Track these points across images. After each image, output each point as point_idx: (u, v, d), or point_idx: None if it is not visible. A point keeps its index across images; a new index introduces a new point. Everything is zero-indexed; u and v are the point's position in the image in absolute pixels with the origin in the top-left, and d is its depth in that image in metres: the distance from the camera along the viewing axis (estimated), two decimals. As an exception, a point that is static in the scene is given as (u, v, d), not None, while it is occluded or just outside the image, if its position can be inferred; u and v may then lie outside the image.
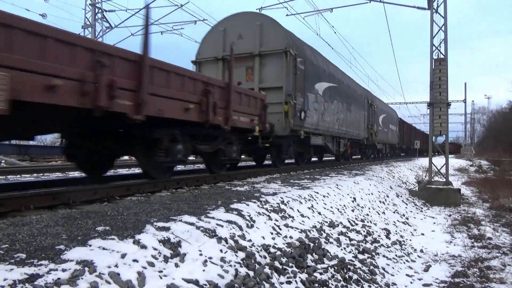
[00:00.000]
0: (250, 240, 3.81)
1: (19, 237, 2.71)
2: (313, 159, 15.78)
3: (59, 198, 4.82)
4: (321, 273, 3.92)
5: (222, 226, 3.74)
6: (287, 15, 16.81)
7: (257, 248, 3.72)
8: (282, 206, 5.18)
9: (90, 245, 2.64)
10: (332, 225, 5.59)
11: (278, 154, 11.25)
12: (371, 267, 4.80)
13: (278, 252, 3.87)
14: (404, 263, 5.60)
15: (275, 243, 4.05)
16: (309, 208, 5.74)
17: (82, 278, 2.24)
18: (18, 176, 9.46)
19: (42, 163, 16.84)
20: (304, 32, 25.47)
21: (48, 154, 21.73)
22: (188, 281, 2.74)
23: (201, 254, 3.13)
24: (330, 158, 18.81)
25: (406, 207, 10.01)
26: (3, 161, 17.09)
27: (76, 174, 10.13)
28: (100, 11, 22.83)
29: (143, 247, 2.83)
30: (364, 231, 6.13)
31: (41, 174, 10.04)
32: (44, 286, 2.08)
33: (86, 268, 2.32)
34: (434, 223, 8.84)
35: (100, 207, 4.42)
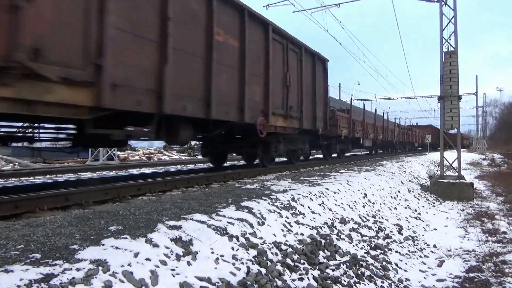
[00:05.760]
0: (261, 238, 3.81)
1: (34, 238, 2.75)
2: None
3: (72, 198, 4.88)
4: (333, 270, 3.91)
5: (233, 224, 3.75)
6: (294, 11, 16.75)
7: (268, 246, 3.72)
8: (293, 203, 5.18)
9: (103, 245, 2.67)
10: (343, 221, 5.57)
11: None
12: (384, 263, 4.76)
13: (290, 249, 3.87)
14: (417, 258, 5.55)
15: (286, 240, 4.05)
16: (319, 204, 5.72)
17: (96, 277, 2.26)
18: (32, 177, 9.59)
19: (54, 165, 17.07)
20: (311, 29, 25.31)
21: (61, 156, 22.08)
22: (201, 279, 2.75)
23: (212, 252, 3.14)
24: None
25: (418, 202, 9.91)
26: (17, 163, 17.36)
27: (88, 174, 10.26)
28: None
29: (155, 246, 2.85)
30: (375, 227, 6.09)
31: (54, 175, 10.15)
32: (59, 286, 2.11)
33: (100, 268, 2.35)
34: (447, 218, 8.74)
35: (112, 207, 4.46)
